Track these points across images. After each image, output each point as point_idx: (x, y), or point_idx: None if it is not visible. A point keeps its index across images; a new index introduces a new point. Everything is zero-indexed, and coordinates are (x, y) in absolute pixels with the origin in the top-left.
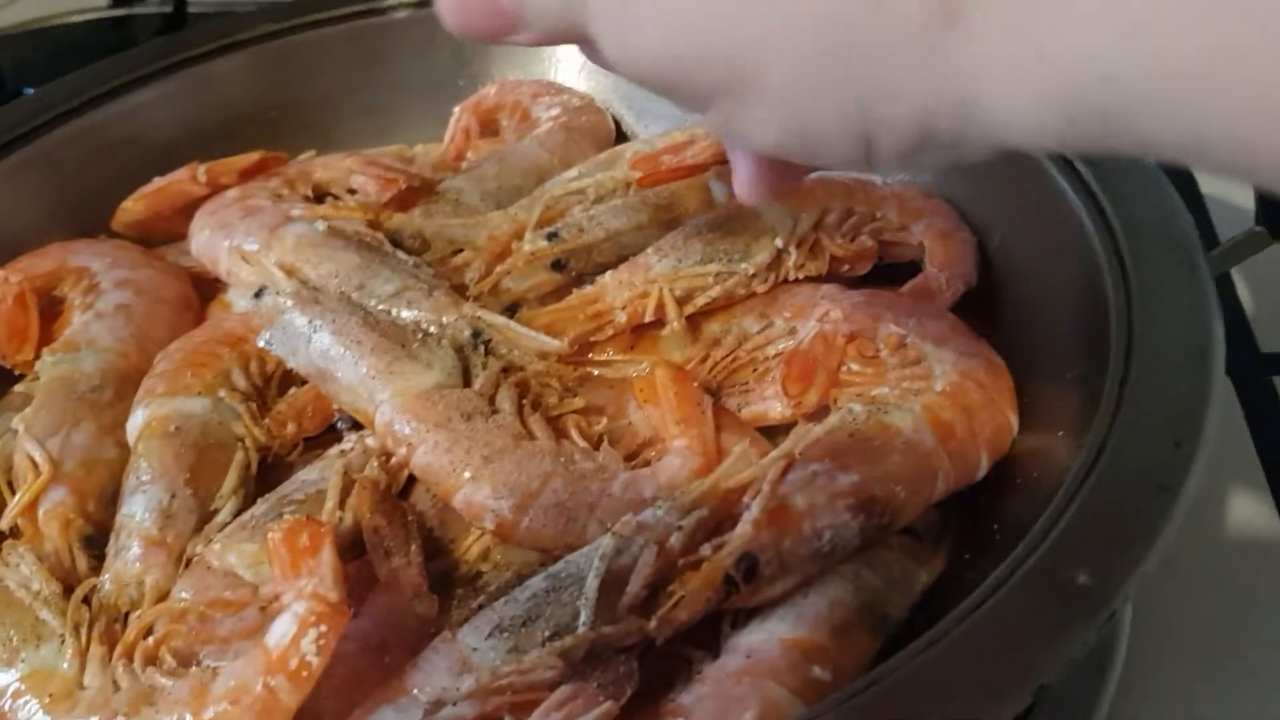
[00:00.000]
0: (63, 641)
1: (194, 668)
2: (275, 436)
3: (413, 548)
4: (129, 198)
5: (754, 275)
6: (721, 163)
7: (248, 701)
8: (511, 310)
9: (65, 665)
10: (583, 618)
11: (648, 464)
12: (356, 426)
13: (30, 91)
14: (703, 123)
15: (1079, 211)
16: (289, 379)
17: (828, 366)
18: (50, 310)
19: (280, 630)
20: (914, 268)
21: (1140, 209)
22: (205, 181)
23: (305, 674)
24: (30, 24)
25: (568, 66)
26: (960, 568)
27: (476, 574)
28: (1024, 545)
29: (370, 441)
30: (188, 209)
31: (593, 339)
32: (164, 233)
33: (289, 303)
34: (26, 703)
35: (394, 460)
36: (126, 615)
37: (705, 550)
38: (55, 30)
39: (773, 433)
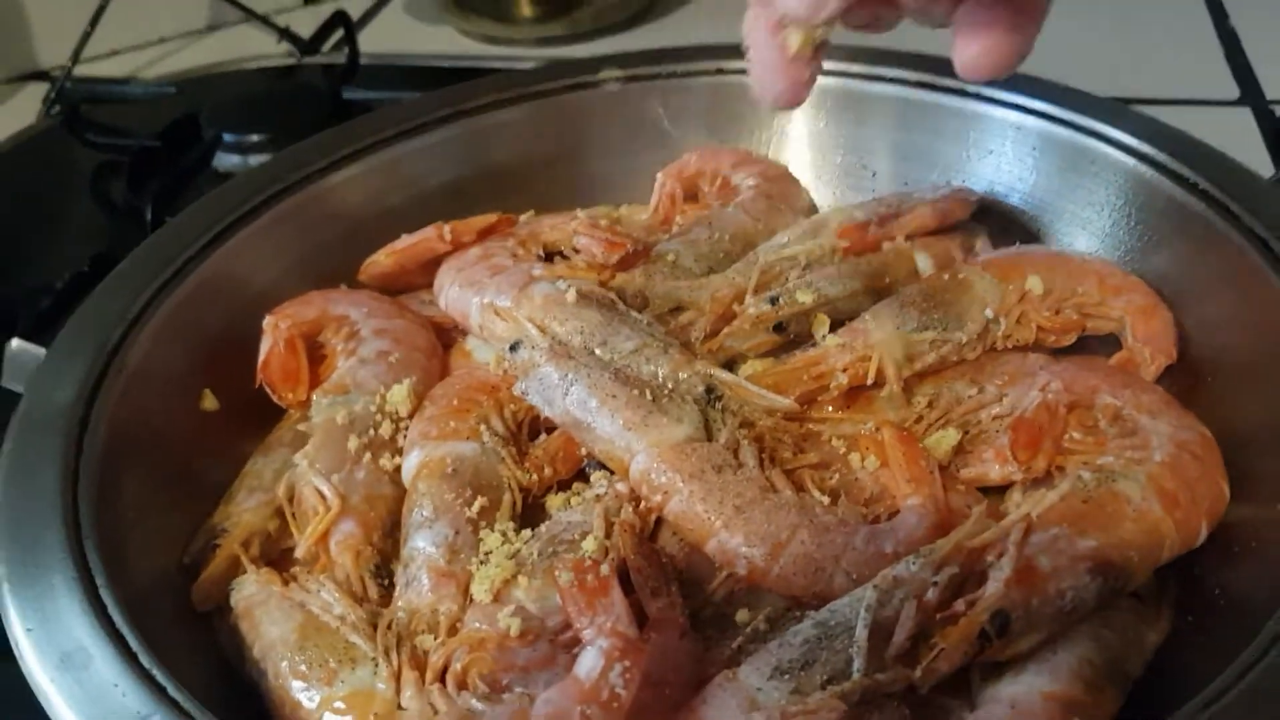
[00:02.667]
0: (376, 665)
1: (506, 694)
2: (534, 478)
3: (674, 589)
4: (380, 251)
5: (966, 343)
6: (924, 234)
7: None
8: (730, 366)
9: (381, 686)
10: (856, 664)
11: (878, 519)
12: (603, 469)
13: (228, 137)
14: None
15: (1275, 285)
16: (535, 424)
17: (1053, 434)
18: (312, 354)
19: (589, 663)
20: (1109, 341)
21: None
22: (450, 239)
23: (616, 705)
24: (213, 69)
25: (764, 136)
26: (1184, 629)
27: (722, 615)
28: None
29: (621, 486)
30: (429, 264)
31: (814, 398)
32: (404, 284)
33: (543, 357)
34: None
35: (646, 506)
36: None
37: (959, 605)
38: (238, 76)
39: (987, 492)
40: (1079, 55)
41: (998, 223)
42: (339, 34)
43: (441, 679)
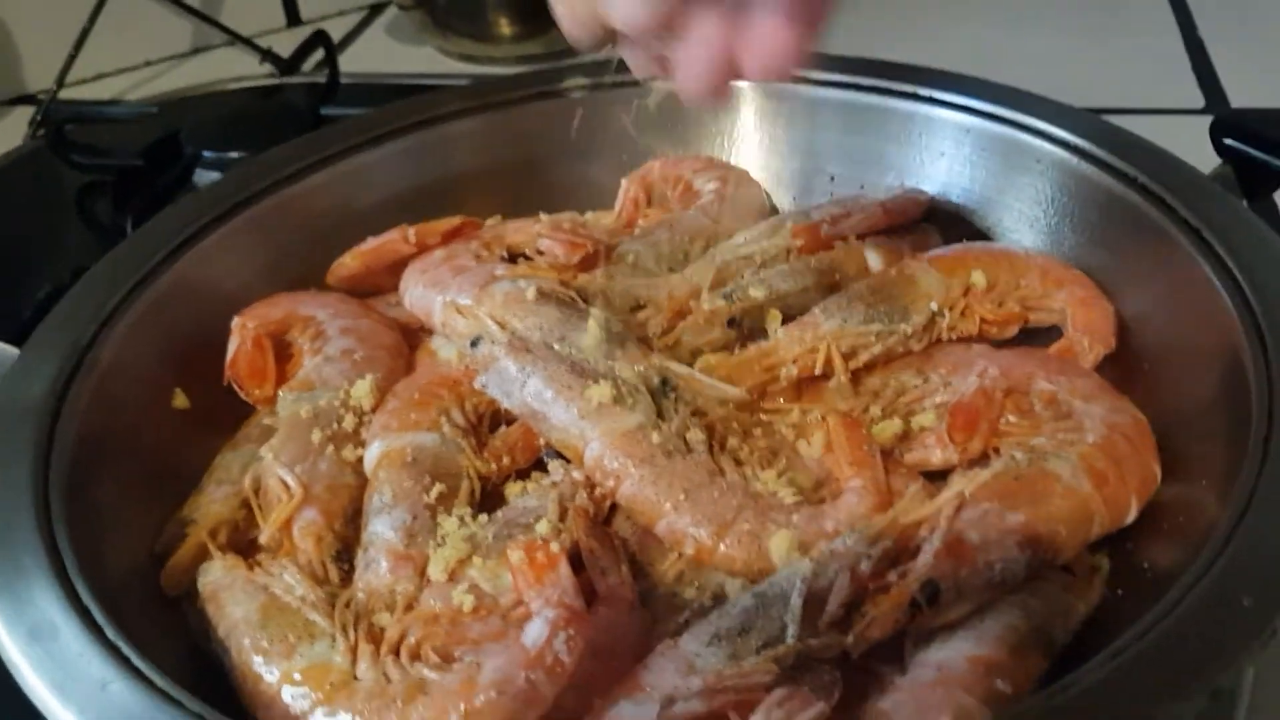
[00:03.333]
0: (333, 640)
1: (457, 663)
2: (492, 467)
3: (623, 567)
4: (346, 254)
5: (911, 335)
6: (874, 233)
7: (513, 691)
8: (689, 361)
9: (338, 660)
10: (790, 631)
11: (822, 500)
12: (560, 459)
13: (208, 155)
14: None
15: (1211, 279)
16: (497, 416)
17: (989, 417)
18: (280, 353)
19: (535, 632)
20: (1054, 332)
21: (1271, 276)
22: (414, 242)
23: (560, 670)
24: (196, 89)
25: (725, 143)
26: (1113, 601)
27: (673, 594)
28: (1188, 576)
29: (577, 474)
30: (395, 266)
31: (766, 389)
32: (371, 286)
33: (502, 351)
34: (306, 692)
35: (600, 491)
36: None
37: (892, 576)
38: (220, 96)
39: (930, 477)
40: (1046, 66)
41: (950, 222)
42: (320, 54)
43: (396, 652)
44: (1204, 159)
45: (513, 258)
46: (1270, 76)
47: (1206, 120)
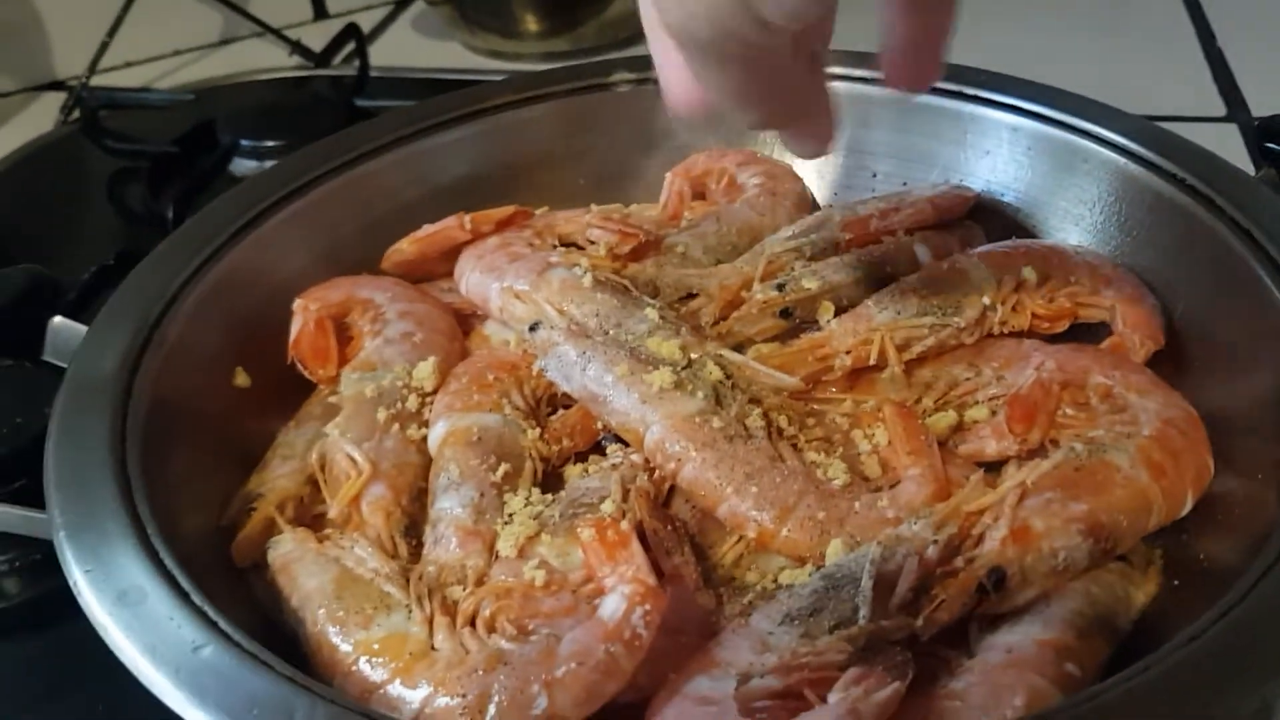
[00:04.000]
0: (409, 611)
1: (533, 636)
2: (553, 448)
3: (686, 548)
4: (403, 240)
5: (964, 328)
6: (923, 228)
7: (592, 663)
8: (740, 350)
9: (415, 630)
10: (862, 612)
11: (879, 489)
12: (619, 442)
13: (244, 143)
14: None
15: (1261, 277)
16: (554, 400)
17: (1047, 409)
18: (339, 335)
19: (612, 606)
20: (1102, 329)
21: None
22: (470, 229)
23: (638, 643)
24: (228, 78)
25: (765, 139)
26: (1171, 591)
27: (731, 578)
28: (1246, 578)
29: (635, 457)
30: (449, 253)
31: (819, 379)
32: (424, 273)
33: (561, 336)
34: (385, 661)
35: (660, 474)
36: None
37: (959, 562)
38: (253, 86)
39: (984, 470)
40: (1063, 71)
41: (994, 220)
42: (350, 47)
43: (471, 624)
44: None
45: (563, 246)
46: None
47: (1229, 128)
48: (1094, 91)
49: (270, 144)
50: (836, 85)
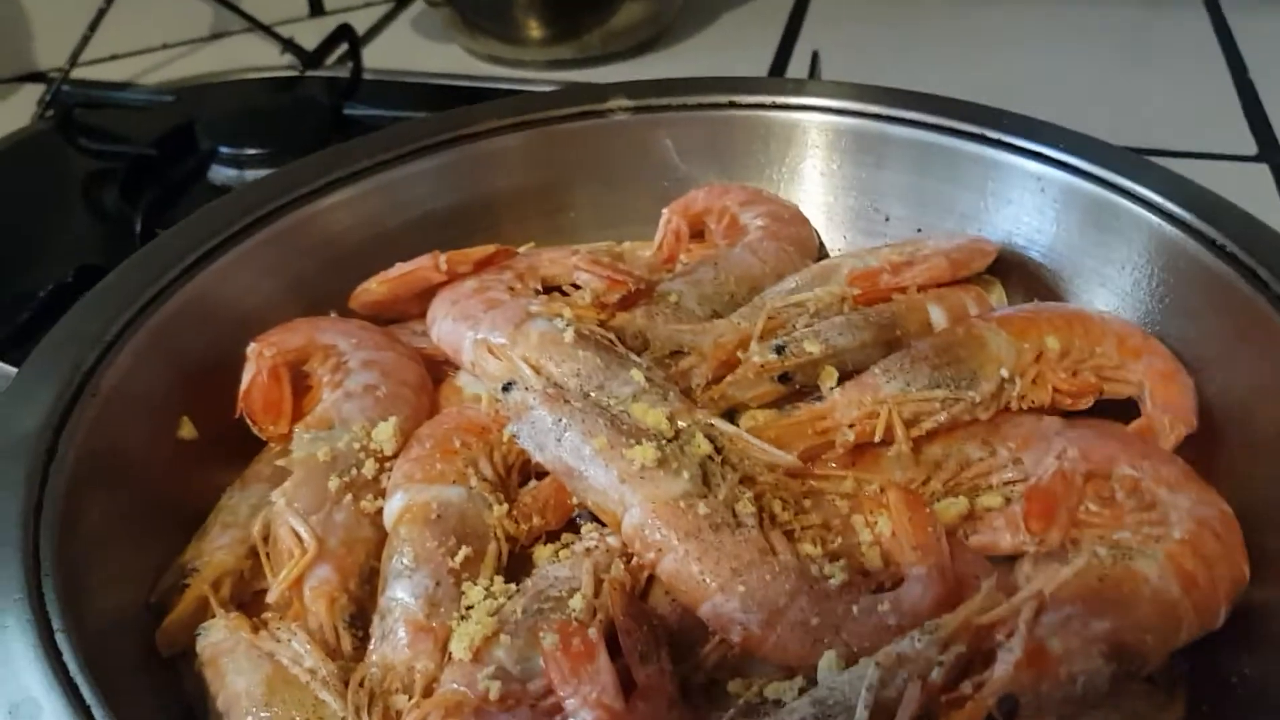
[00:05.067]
0: None
1: None
2: (522, 527)
3: (663, 653)
4: (372, 279)
5: (979, 403)
6: (938, 285)
7: None
8: (731, 415)
9: None
10: None
11: (881, 586)
12: (595, 520)
13: (224, 149)
14: None
15: None
16: (527, 467)
17: (1069, 505)
18: (297, 384)
19: None
20: (1128, 404)
21: None
22: (445, 270)
23: None
24: (213, 77)
25: (776, 174)
26: (1199, 717)
27: (712, 682)
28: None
29: (611, 540)
30: (422, 294)
31: (818, 454)
32: (396, 313)
33: (537, 399)
34: None
35: (638, 562)
36: None
37: (966, 687)
38: (239, 86)
39: (996, 561)
40: (1095, 104)
41: (1014, 275)
42: (343, 48)
43: None
44: (1258, 207)
45: (546, 291)
46: None
47: (1259, 168)
48: (1118, 125)
49: (251, 151)
50: (850, 121)
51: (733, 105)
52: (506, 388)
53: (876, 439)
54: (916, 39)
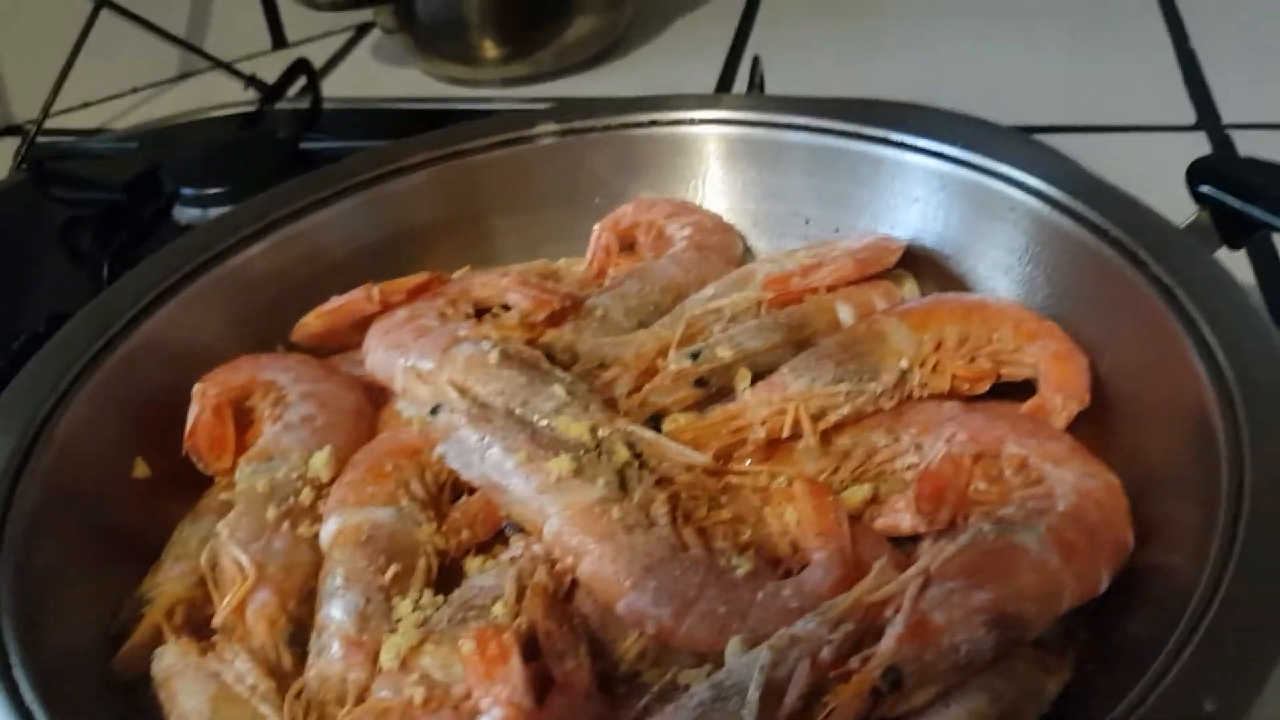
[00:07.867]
0: None
1: None
2: (451, 542)
3: (581, 650)
4: (310, 314)
5: (881, 394)
6: (847, 284)
7: None
8: (655, 420)
9: None
10: None
11: (790, 573)
12: (522, 532)
13: (187, 192)
14: None
15: (1182, 336)
16: (459, 485)
17: (957, 486)
18: (241, 420)
19: None
20: (1028, 384)
21: (1242, 337)
22: (378, 300)
23: None
24: (179, 118)
25: (700, 186)
26: (1085, 677)
27: (634, 674)
28: (1153, 671)
29: (537, 548)
30: (361, 324)
31: (734, 451)
32: (337, 344)
33: (462, 420)
34: None
35: (560, 567)
36: None
37: (854, 662)
38: (201, 125)
39: (904, 541)
40: (1033, 79)
41: (926, 269)
42: (303, 80)
43: None
44: None
45: (480, 313)
46: (1265, 91)
47: (1197, 137)
48: (1057, 99)
49: (212, 191)
50: (757, 131)
51: (654, 124)
52: (434, 411)
53: (785, 434)
54: (861, 39)
